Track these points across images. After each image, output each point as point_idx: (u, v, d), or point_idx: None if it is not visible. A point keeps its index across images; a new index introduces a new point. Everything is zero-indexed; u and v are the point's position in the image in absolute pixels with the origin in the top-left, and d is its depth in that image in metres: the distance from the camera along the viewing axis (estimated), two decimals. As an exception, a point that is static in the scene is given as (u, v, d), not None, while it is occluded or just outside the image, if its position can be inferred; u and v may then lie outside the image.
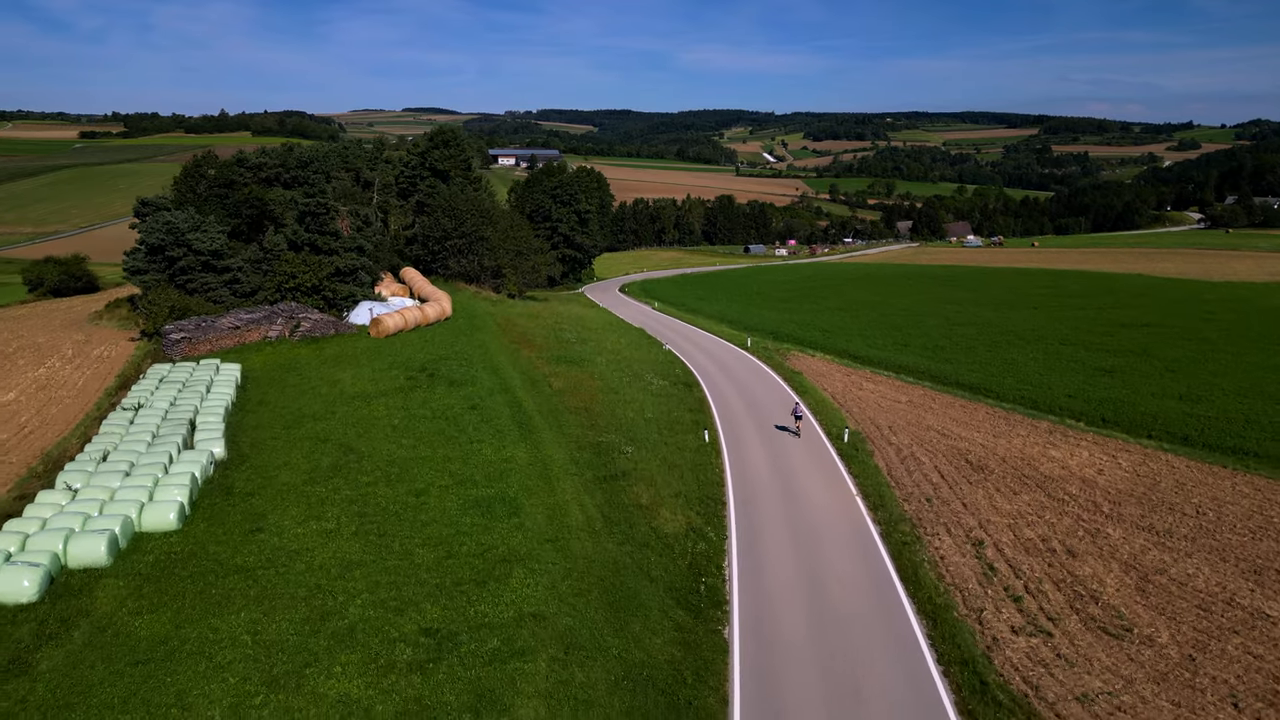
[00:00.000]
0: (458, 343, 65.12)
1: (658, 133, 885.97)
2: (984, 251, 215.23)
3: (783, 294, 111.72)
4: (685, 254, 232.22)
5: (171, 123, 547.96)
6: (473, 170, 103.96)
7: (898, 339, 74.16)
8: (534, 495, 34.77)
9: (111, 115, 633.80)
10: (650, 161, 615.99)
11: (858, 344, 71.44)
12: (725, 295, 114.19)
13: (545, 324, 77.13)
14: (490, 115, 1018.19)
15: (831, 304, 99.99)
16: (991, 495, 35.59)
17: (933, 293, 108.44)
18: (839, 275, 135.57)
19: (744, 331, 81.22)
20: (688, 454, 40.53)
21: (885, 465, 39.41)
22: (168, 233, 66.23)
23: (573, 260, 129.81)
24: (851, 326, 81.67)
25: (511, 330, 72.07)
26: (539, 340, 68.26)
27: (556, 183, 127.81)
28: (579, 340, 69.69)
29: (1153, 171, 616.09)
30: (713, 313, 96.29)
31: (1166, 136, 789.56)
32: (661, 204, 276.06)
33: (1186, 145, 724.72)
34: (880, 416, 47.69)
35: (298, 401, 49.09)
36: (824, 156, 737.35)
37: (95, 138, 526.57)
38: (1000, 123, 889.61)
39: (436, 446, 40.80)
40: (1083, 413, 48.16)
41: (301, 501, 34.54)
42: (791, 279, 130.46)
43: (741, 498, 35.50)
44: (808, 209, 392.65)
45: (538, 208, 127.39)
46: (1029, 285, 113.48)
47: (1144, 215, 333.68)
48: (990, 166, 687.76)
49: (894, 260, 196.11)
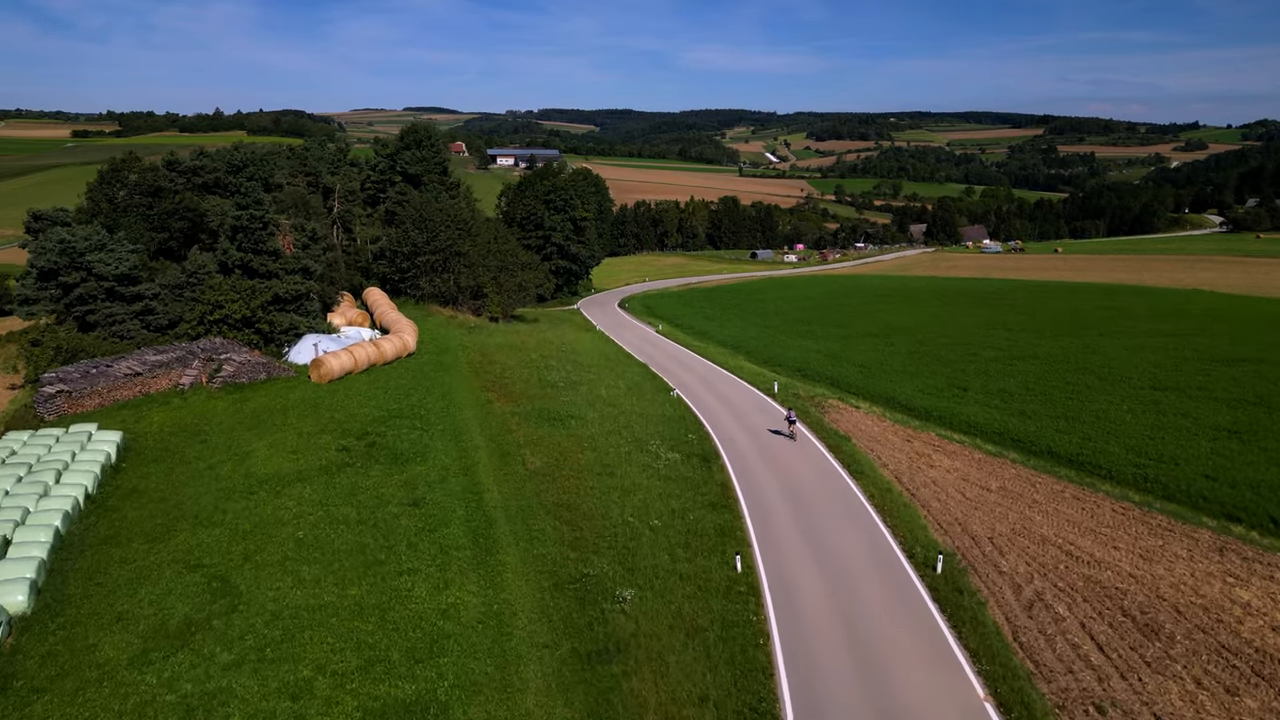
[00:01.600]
0: (416, 390, 52.17)
1: (659, 132, 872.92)
2: (1007, 259, 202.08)
3: (803, 314, 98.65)
4: (689, 260, 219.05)
5: (165, 121, 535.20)
6: (450, 174, 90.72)
7: (952, 379, 61.12)
8: (481, 700, 21.89)
9: (106, 114, 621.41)
10: (652, 162, 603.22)
11: (906, 388, 58.41)
12: (738, 314, 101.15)
13: (528, 359, 64.15)
14: (491, 115, 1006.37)
15: (861, 328, 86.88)
16: (1193, 693, 22.64)
17: (974, 314, 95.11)
18: (861, 290, 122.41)
19: (766, 366, 68.22)
20: (714, 600, 27.46)
21: (1006, 623, 26.37)
22: (62, 253, 53.23)
23: (568, 273, 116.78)
24: (891, 361, 68.61)
25: (486, 370, 59.08)
26: (518, 385, 55.23)
27: (550, 187, 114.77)
28: (567, 384, 56.67)
29: (1160, 172, 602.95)
30: (726, 338, 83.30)
31: (1173, 137, 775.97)
32: (664, 207, 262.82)
33: (1194, 146, 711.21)
34: (972, 518, 34.63)
35: (183, 490, 36.23)
36: (827, 156, 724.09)
37: (88, 136, 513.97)
38: (1004, 123, 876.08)
39: (349, 582, 28.02)
40: (1242, 508, 35.15)
41: (109, 710, 21.71)
42: (809, 294, 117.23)
43: (803, 704, 22.35)
44: (814, 210, 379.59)
45: (529, 214, 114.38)
46: (1082, 304, 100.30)
47: (1162, 218, 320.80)
48: (996, 167, 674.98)
49: (914, 269, 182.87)
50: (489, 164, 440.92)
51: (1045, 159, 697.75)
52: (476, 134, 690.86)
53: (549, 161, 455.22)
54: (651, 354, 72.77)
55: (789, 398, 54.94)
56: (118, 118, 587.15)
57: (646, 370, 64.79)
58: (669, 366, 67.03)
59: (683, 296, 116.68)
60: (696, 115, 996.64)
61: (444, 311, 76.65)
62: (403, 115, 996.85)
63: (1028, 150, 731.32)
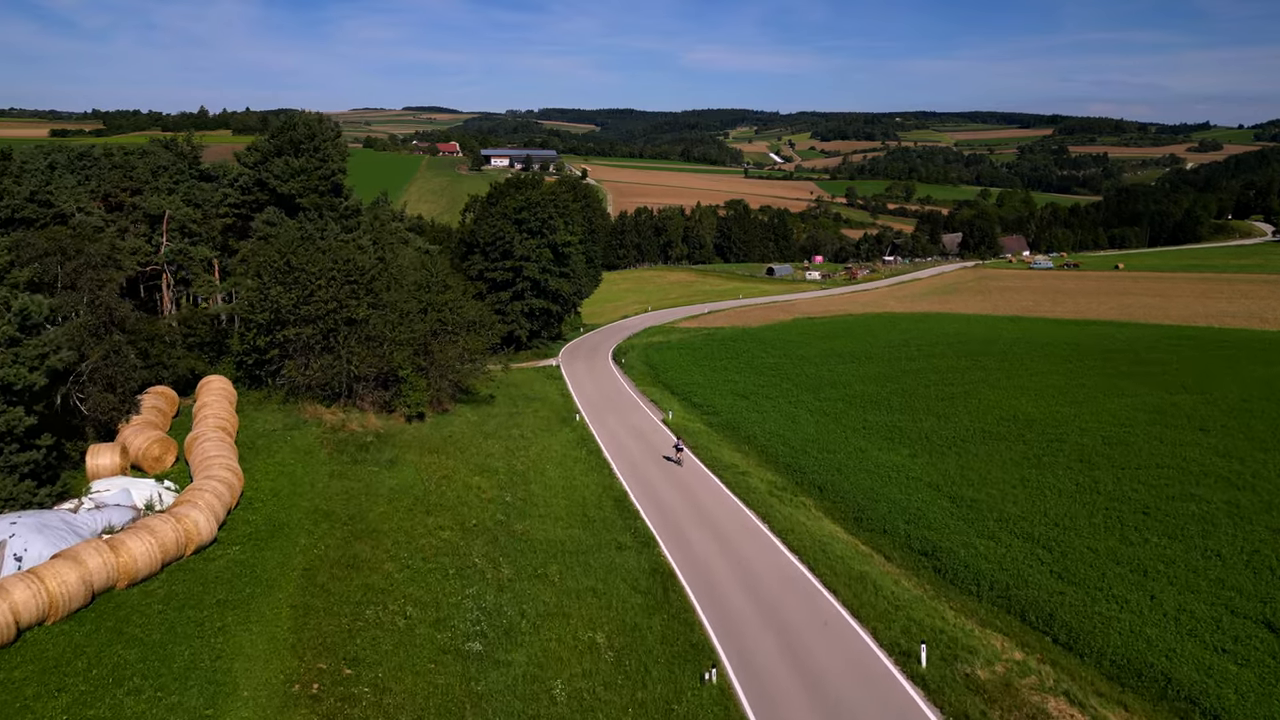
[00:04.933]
0: (163, 671, 22.51)
1: (661, 132, 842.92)
2: (1067, 278, 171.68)
3: (869, 386, 68.24)
4: (697, 276, 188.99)
5: (148, 120, 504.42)
6: (346, 195, 59.95)
7: (1226, 602, 31.32)
8: None
9: (91, 112, 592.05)
10: (654, 162, 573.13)
11: (1165, 632, 28.68)
12: (775, 381, 71.01)
13: (435, 542, 34.22)
14: (491, 114, 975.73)
15: (972, 422, 56.57)
16: None
17: (1122, 392, 64.02)
18: (933, 340, 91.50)
19: (860, 534, 38.27)
20: None
21: None
22: None
23: (546, 315, 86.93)
24: (1098, 534, 38.62)
25: (335, 590, 29.24)
26: (385, 654, 25.39)
27: (522, 202, 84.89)
28: (496, 649, 26.92)
29: (1178, 174, 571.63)
30: (770, 437, 53.43)
31: (1185, 137, 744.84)
32: (667, 213, 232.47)
33: (1208, 146, 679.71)
34: None
35: None
36: (833, 157, 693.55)
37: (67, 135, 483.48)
38: (1011, 123, 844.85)
39: None
40: None
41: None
42: (867, 347, 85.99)
43: None
44: (826, 215, 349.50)
45: (496, 237, 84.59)
46: (1261, 367, 69.87)
47: (1206, 225, 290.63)
48: (1006, 168, 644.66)
49: (963, 294, 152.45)
50: (482, 165, 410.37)
51: (1057, 160, 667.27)
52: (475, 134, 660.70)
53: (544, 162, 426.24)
54: (667, 503, 42.71)
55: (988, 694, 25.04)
56: (102, 116, 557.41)
57: (662, 572, 34.62)
58: (700, 545, 37.06)
59: (697, 349, 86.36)
60: (699, 115, 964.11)
61: (326, 414, 46.80)
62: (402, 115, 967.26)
63: (1038, 151, 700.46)
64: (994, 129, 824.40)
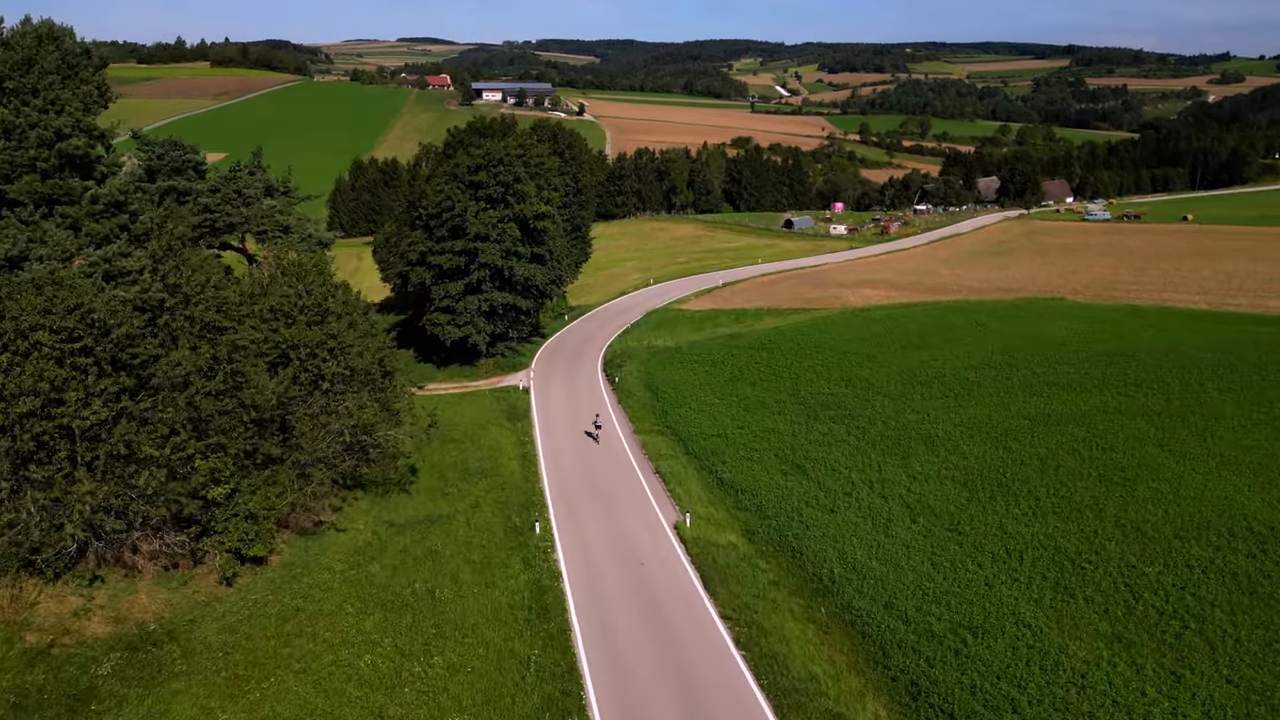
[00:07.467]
0: None
1: (662, 64, 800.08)
2: (1132, 232, 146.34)
3: (997, 458, 44.18)
4: (706, 229, 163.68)
5: (124, 52, 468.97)
6: (110, 169, 34.06)
7: None
8: None
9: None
10: (655, 96, 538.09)
11: None
12: (843, 436, 47.19)
13: None
14: (487, 45, 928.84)
15: (1174, 532, 33.85)
16: None
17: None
18: (1037, 343, 66.99)
19: None
20: None
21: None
22: None
23: (512, 312, 62.99)
24: None
25: None
26: None
27: (480, 160, 60.22)
28: None
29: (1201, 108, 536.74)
30: (864, 585, 30.16)
31: (1205, 69, 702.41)
32: (671, 156, 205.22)
33: (1230, 78, 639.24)
34: None
35: None
36: (841, 90, 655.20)
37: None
38: (1026, 54, 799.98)
39: None
40: None
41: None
42: (958, 368, 60.14)
43: None
44: (840, 154, 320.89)
45: (443, 208, 60.30)
46: None
47: (1254, 165, 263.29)
48: (1022, 101, 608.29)
49: (1017, 254, 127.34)
50: (473, 99, 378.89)
51: (1074, 92, 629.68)
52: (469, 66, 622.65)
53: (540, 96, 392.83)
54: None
55: None
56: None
57: None
58: None
59: (718, 363, 61.71)
60: (701, 46, 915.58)
61: (23, 610, 23.80)
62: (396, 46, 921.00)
63: (1054, 83, 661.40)
64: (1007, 60, 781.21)
